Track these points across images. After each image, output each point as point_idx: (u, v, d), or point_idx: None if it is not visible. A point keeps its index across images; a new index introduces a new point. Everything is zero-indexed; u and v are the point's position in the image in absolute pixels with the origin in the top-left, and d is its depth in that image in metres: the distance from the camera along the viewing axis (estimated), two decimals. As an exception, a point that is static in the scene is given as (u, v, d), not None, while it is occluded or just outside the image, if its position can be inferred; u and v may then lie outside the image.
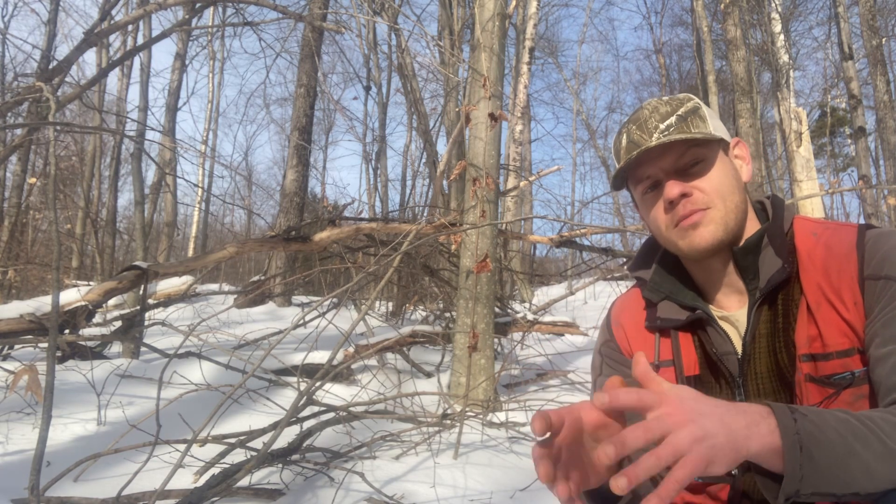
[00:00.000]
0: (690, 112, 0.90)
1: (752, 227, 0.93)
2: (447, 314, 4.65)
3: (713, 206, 0.88)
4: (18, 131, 4.75)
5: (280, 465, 2.43)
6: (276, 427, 2.27)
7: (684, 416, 0.61)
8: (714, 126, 0.90)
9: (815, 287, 0.85)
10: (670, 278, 0.98)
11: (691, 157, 0.89)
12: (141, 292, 3.54)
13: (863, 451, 0.65)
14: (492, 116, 3.50)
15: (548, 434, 0.67)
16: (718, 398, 0.92)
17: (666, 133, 0.87)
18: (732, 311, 0.93)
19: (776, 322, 0.89)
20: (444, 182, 6.11)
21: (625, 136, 0.92)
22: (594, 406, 0.66)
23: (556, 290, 8.58)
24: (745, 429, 0.64)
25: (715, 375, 0.93)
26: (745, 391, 0.90)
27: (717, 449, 0.61)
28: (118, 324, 3.86)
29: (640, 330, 0.99)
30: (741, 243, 0.91)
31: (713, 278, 0.94)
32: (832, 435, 0.66)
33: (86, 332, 3.73)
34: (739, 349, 0.91)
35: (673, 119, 0.89)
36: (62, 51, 13.66)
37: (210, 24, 12.47)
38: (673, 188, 0.88)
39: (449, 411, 3.12)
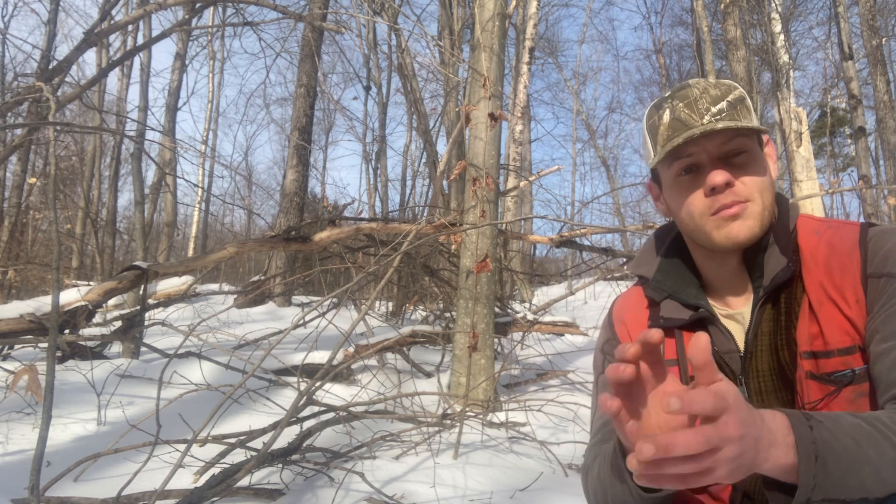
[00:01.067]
0: (739, 100, 0.88)
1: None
2: (447, 314, 4.65)
3: (753, 199, 0.87)
4: (18, 131, 4.75)
5: (280, 465, 2.43)
6: (276, 427, 2.27)
7: (737, 430, 0.59)
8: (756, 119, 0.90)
9: (818, 285, 0.85)
10: (674, 274, 0.97)
11: (736, 146, 0.87)
12: (141, 292, 3.54)
13: (876, 458, 0.65)
14: (492, 116, 3.50)
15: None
16: None
17: (718, 117, 0.85)
18: (737, 309, 0.93)
19: (778, 320, 0.88)
20: (444, 182, 6.11)
21: (667, 112, 0.89)
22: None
23: (556, 290, 8.59)
24: (765, 451, 0.63)
25: None
26: (747, 389, 0.90)
27: (736, 469, 0.61)
28: (118, 324, 3.86)
29: (643, 328, 0.98)
30: None
31: (724, 274, 0.94)
32: (847, 441, 0.66)
33: (86, 332, 3.73)
34: (742, 346, 0.91)
35: (724, 104, 0.87)
36: (62, 51, 13.68)
37: (210, 24, 12.47)
38: (719, 175, 0.85)
39: (449, 411, 3.12)
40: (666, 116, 0.89)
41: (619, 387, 0.66)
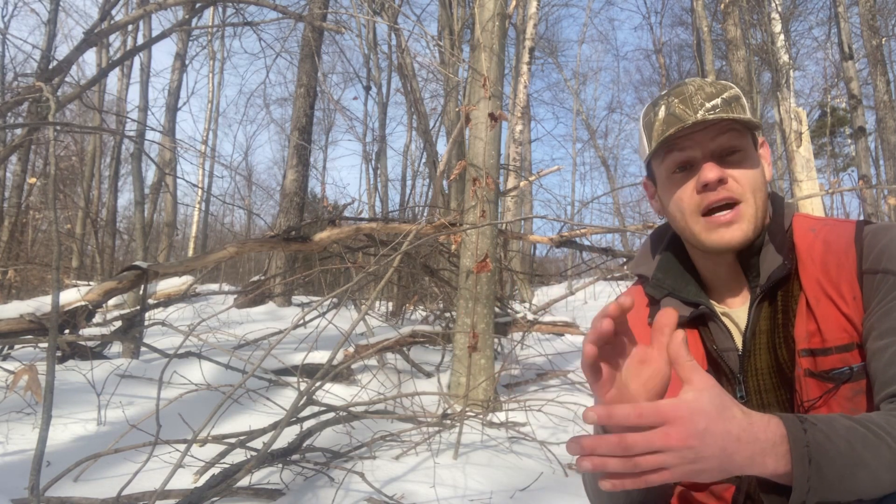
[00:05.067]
0: (734, 98, 0.88)
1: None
2: (447, 314, 4.65)
3: (745, 200, 0.87)
4: (18, 131, 4.75)
5: (280, 465, 2.43)
6: (276, 427, 2.27)
7: (687, 439, 0.61)
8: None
9: (814, 283, 0.85)
10: (673, 272, 0.97)
11: (730, 141, 0.87)
12: (141, 292, 3.54)
13: (871, 461, 0.65)
14: (492, 116, 3.50)
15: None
16: None
17: (712, 112, 0.85)
18: (735, 308, 0.93)
19: (776, 318, 0.89)
20: (444, 182, 6.11)
21: (663, 108, 0.89)
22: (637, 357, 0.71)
23: (556, 290, 8.58)
24: (747, 459, 0.63)
25: (716, 372, 0.93)
26: (746, 387, 0.91)
27: (703, 472, 0.63)
28: (118, 324, 3.86)
29: (644, 327, 0.98)
30: None
31: (720, 273, 0.94)
32: (842, 445, 0.65)
33: (86, 332, 3.73)
34: (740, 346, 0.91)
35: (719, 101, 0.87)
36: (62, 51, 13.65)
37: (210, 24, 12.46)
38: (712, 171, 0.86)
39: (449, 411, 3.12)
40: (661, 112, 0.89)
41: (600, 342, 0.68)
